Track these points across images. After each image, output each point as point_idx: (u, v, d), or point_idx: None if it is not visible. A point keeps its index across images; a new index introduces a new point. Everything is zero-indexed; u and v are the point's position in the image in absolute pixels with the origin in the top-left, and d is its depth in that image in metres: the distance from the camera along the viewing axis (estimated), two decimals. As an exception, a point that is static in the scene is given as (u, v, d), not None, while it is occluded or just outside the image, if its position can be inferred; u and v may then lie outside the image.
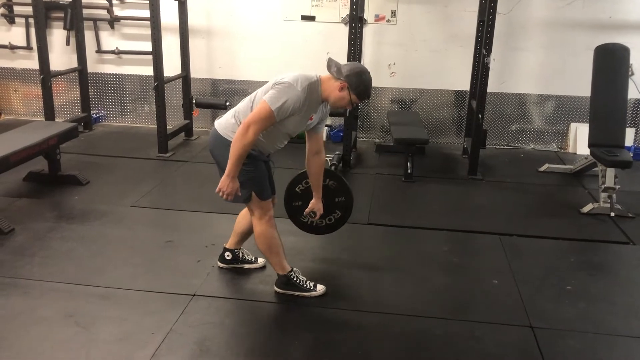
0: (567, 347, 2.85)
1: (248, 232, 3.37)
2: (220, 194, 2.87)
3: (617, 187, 4.52)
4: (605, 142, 4.75)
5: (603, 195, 4.54)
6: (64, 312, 2.98)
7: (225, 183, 2.84)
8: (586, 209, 4.56)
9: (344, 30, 5.45)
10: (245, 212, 3.33)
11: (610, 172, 4.53)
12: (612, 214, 4.45)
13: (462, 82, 6.20)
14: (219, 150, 2.95)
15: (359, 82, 2.82)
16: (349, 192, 3.41)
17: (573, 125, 6.33)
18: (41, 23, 5.53)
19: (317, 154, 3.13)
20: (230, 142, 2.83)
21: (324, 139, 3.23)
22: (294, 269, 3.22)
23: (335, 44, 6.00)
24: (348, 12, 5.31)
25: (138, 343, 2.75)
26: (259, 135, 2.86)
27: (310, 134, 3.09)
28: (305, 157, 3.16)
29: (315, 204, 3.28)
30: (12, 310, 2.99)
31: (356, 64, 2.94)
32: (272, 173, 3.20)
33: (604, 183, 4.55)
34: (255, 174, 2.97)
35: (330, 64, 2.87)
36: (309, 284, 3.22)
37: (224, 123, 2.98)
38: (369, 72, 2.89)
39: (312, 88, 2.82)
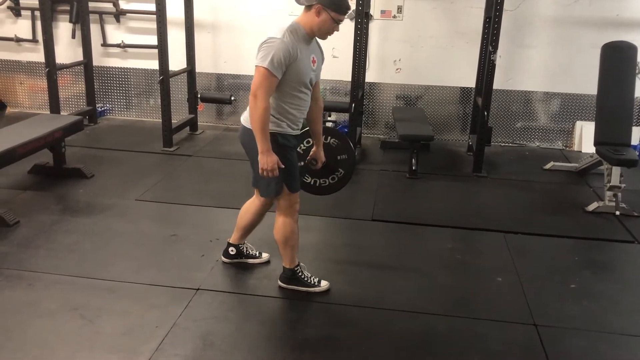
0: (571, 345, 2.85)
1: (251, 226, 3.37)
2: (265, 173, 2.84)
3: (623, 185, 4.50)
4: (611, 140, 4.72)
5: (608, 193, 4.52)
6: (68, 305, 2.99)
7: (263, 160, 2.80)
8: (591, 207, 4.54)
9: (350, 26, 5.43)
10: (247, 206, 3.33)
11: (616, 171, 4.51)
12: (618, 212, 4.43)
13: (468, 79, 6.18)
14: (248, 141, 2.93)
15: None
16: (350, 149, 3.38)
17: (579, 124, 6.30)
18: (47, 16, 5.53)
19: (316, 101, 3.10)
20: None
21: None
22: (301, 264, 3.23)
23: (340, 39, 5.94)
24: (354, 7, 5.29)
25: (142, 337, 2.76)
26: (283, 105, 2.85)
27: None
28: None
29: (316, 152, 3.24)
30: (17, 303, 3.00)
31: None
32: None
33: (609, 181, 4.53)
34: (287, 165, 2.93)
35: None
36: (313, 279, 3.22)
37: (246, 115, 2.97)
38: None
39: (293, 30, 2.81)
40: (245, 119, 2.99)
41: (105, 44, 6.67)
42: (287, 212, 3.07)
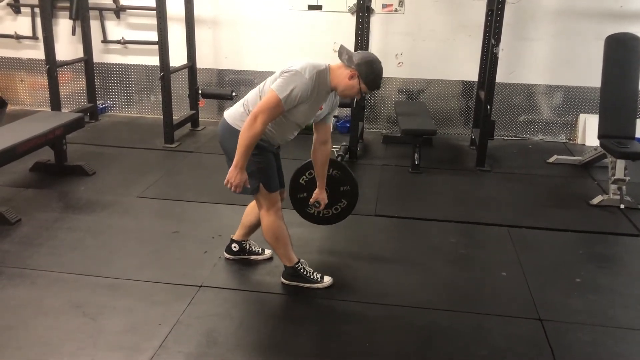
0: (576, 340, 2.83)
1: (256, 225, 3.36)
2: (229, 185, 2.84)
3: (627, 178, 4.47)
4: (615, 133, 4.69)
5: (613, 187, 4.49)
6: (71, 303, 2.98)
7: (233, 174, 2.81)
8: (595, 200, 4.52)
9: (351, 20, 5.41)
10: (253, 205, 3.31)
11: (620, 164, 4.47)
12: (622, 205, 4.40)
13: (470, 72, 6.14)
14: (229, 140, 2.91)
15: (369, 71, 2.79)
16: (353, 180, 3.38)
17: (582, 116, 6.27)
18: (47, 12, 5.50)
19: (324, 143, 3.10)
20: (239, 131, 2.80)
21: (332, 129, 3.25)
22: (301, 260, 3.21)
23: (342, 33, 5.95)
24: (355, 1, 5.26)
25: (145, 334, 2.75)
26: (269, 126, 2.84)
27: (318, 124, 3.06)
28: (312, 147, 3.13)
29: (319, 194, 3.26)
30: (20, 301, 2.99)
31: (368, 53, 2.92)
32: (280, 164, 3.17)
33: (613, 175, 4.50)
34: (264, 165, 2.93)
35: (342, 51, 2.84)
36: (316, 275, 3.20)
37: (233, 113, 2.96)
38: (380, 63, 2.86)
39: (321, 76, 2.78)
40: (231, 116, 2.95)
41: (105, 41, 6.65)
42: (269, 210, 3.05)
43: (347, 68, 2.81)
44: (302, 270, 3.18)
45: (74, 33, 6.53)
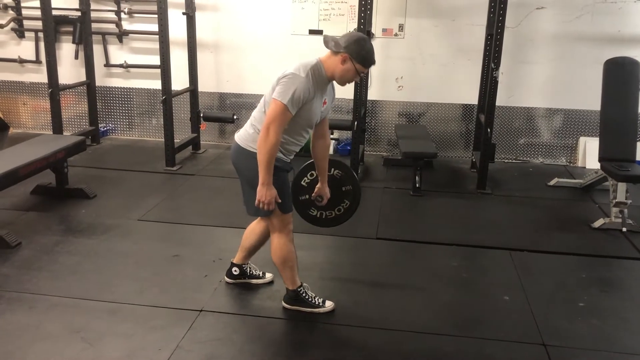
0: (581, 365, 2.80)
1: (255, 247, 3.34)
2: (261, 205, 2.83)
3: (629, 202, 4.46)
4: (616, 156, 4.69)
5: (614, 210, 4.48)
6: (70, 328, 2.95)
7: (262, 192, 2.80)
8: (597, 224, 4.50)
9: (352, 44, 5.46)
10: (252, 227, 3.30)
11: (622, 187, 4.47)
12: (624, 229, 4.39)
13: (470, 95, 6.18)
14: (242, 161, 2.94)
15: (359, 49, 2.79)
16: (354, 180, 3.36)
17: (582, 139, 6.28)
18: (50, 37, 5.56)
19: (323, 137, 3.10)
20: (250, 152, 2.83)
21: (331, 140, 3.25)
22: (304, 284, 3.19)
23: (342, 57, 6.00)
24: (356, 26, 5.31)
25: (144, 360, 2.72)
26: (283, 136, 2.83)
27: None
28: (311, 142, 3.13)
29: (321, 189, 3.23)
30: (18, 326, 2.97)
31: (353, 33, 2.91)
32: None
33: (615, 198, 4.49)
34: (279, 186, 2.91)
35: (327, 39, 2.85)
36: (318, 300, 3.18)
37: (243, 135, 2.97)
38: (368, 39, 2.87)
39: (316, 70, 2.81)
40: (241, 138, 2.97)
41: (108, 65, 6.70)
42: (281, 231, 3.04)
43: (337, 54, 2.81)
44: (303, 295, 3.15)
45: (76, 57, 6.59)
